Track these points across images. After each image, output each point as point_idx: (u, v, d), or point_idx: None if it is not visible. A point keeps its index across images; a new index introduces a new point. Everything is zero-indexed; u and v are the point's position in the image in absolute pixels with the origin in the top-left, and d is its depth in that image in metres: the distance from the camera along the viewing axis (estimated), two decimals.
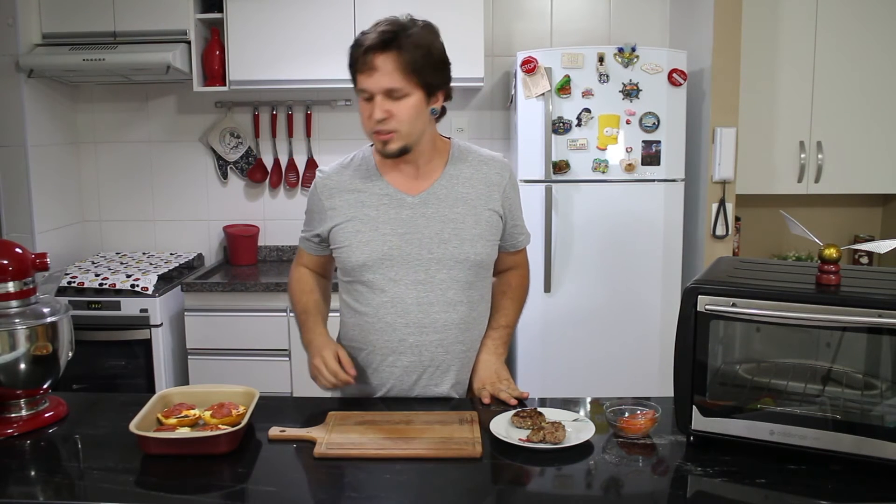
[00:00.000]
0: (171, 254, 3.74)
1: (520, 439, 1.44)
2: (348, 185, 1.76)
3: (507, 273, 1.89)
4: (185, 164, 3.80)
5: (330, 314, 1.88)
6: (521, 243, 1.88)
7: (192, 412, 1.52)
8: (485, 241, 1.74)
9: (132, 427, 1.40)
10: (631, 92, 3.13)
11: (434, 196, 1.72)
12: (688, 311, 1.42)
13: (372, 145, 1.77)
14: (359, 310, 1.76)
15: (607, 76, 3.13)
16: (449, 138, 1.82)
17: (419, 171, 1.74)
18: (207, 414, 1.52)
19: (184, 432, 1.43)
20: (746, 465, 1.35)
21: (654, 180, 3.18)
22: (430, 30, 1.65)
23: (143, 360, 3.22)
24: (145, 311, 3.19)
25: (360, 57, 1.59)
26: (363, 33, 1.62)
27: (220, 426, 1.46)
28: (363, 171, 1.77)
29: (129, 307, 3.20)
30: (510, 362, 3.44)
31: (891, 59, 3.33)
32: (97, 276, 3.25)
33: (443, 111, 1.73)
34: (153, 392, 3.16)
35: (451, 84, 1.70)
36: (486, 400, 1.68)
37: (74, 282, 3.23)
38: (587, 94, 3.14)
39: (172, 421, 1.49)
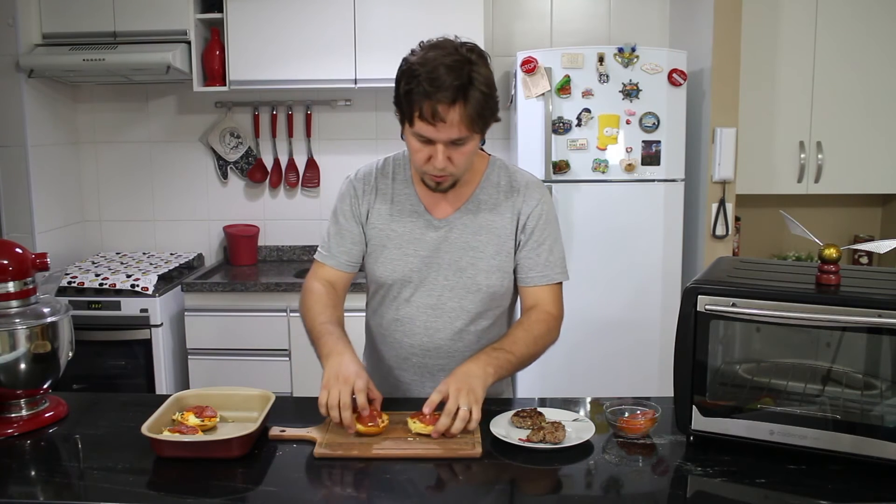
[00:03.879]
0: (171, 254, 3.74)
1: (520, 439, 1.44)
2: (381, 192, 1.72)
3: (531, 311, 1.72)
4: (185, 164, 3.80)
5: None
6: (533, 280, 1.70)
7: (215, 419, 1.51)
8: (502, 272, 1.70)
9: (144, 429, 1.40)
10: (631, 92, 3.13)
11: (460, 221, 1.69)
12: (688, 311, 1.42)
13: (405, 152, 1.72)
14: (379, 313, 1.77)
15: (607, 76, 3.13)
16: (489, 154, 1.75)
17: (452, 192, 1.69)
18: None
19: (196, 436, 1.43)
20: (746, 465, 1.35)
21: (654, 180, 3.18)
22: (485, 62, 1.54)
23: (143, 360, 3.22)
24: (145, 311, 3.19)
25: (427, 107, 1.48)
26: (428, 71, 1.46)
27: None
28: (398, 183, 1.72)
29: (129, 307, 3.20)
30: None
31: (890, 59, 3.33)
32: (97, 276, 3.25)
33: None
34: (153, 392, 3.19)
35: None
36: (427, 410, 1.47)
37: (74, 282, 3.23)
38: (587, 94, 3.14)
39: (195, 420, 1.48)
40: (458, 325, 1.71)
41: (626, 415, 1.50)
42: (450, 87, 1.46)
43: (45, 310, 1.59)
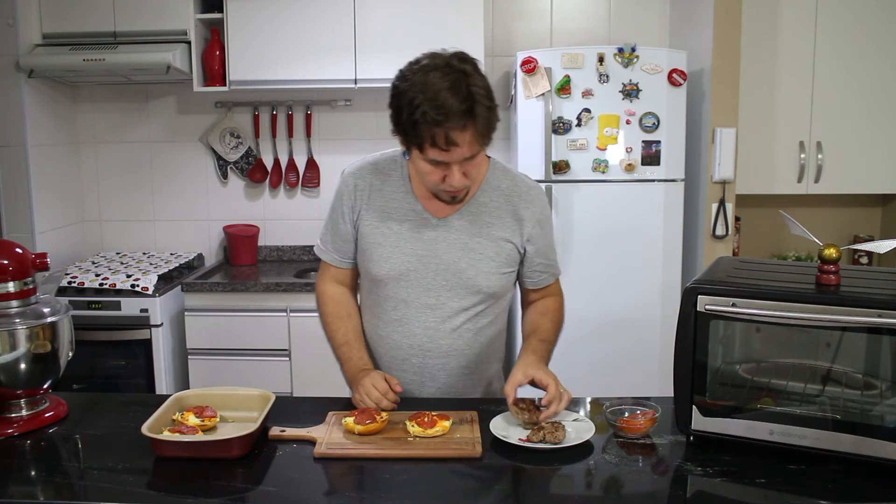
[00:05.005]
0: (171, 254, 3.74)
1: (520, 439, 1.44)
2: (378, 187, 1.71)
3: (544, 299, 1.81)
4: (185, 164, 3.80)
5: None
6: (543, 282, 1.79)
7: (215, 419, 1.52)
8: (500, 273, 1.70)
9: (144, 429, 1.40)
10: (631, 92, 3.13)
11: (459, 222, 1.69)
12: (688, 311, 1.42)
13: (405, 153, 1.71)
14: (375, 314, 1.77)
15: (607, 76, 3.13)
16: (489, 157, 1.73)
17: None
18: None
19: (196, 436, 1.43)
20: (746, 465, 1.35)
21: (654, 180, 3.18)
22: (477, 69, 1.52)
23: (143, 360, 3.22)
24: (145, 311, 3.19)
25: (440, 136, 1.47)
26: (430, 98, 1.44)
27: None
28: (395, 180, 1.71)
29: (129, 307, 3.19)
30: (511, 362, 3.43)
31: (890, 60, 3.33)
32: (97, 276, 3.25)
33: None
34: (153, 392, 3.19)
35: None
36: (510, 397, 1.53)
37: (74, 282, 3.23)
38: (587, 94, 3.14)
39: (195, 421, 1.49)
40: (457, 324, 1.71)
41: (626, 415, 1.50)
42: (458, 112, 1.45)
43: (45, 310, 1.59)
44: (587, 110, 3.14)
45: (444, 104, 1.44)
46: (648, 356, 3.24)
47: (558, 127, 3.15)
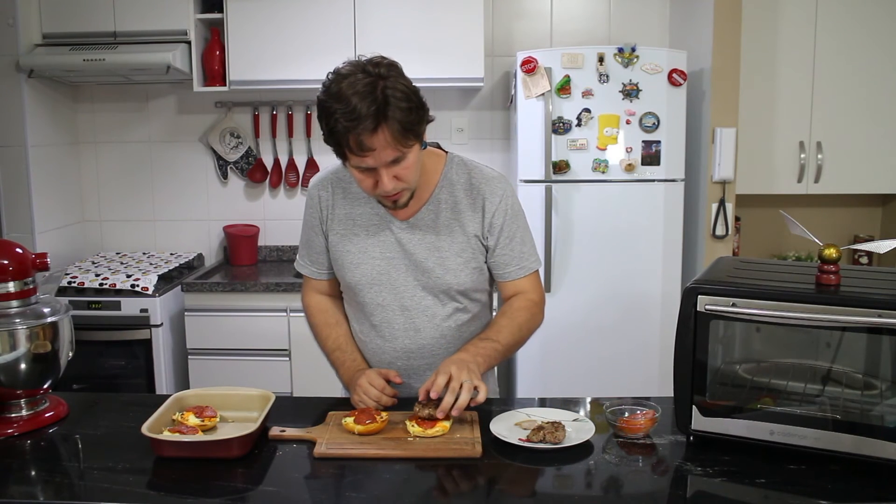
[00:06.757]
0: (171, 254, 3.74)
1: (520, 439, 1.44)
2: (341, 195, 1.73)
3: (514, 297, 1.75)
4: (185, 164, 3.80)
5: None
6: (511, 275, 1.72)
7: (215, 419, 1.52)
8: (470, 268, 1.69)
9: (144, 429, 1.40)
10: (631, 92, 3.13)
11: (422, 221, 1.68)
12: (688, 311, 1.42)
13: None
14: (356, 320, 1.79)
15: (607, 76, 3.13)
16: (446, 152, 1.74)
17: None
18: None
19: (196, 436, 1.43)
20: (746, 465, 1.35)
21: (653, 180, 3.18)
22: (397, 71, 1.50)
23: (143, 360, 3.22)
24: (145, 311, 3.19)
25: (352, 141, 1.45)
26: (342, 105, 1.43)
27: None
28: (357, 186, 1.70)
29: (129, 307, 3.19)
30: (511, 362, 3.43)
31: (890, 59, 3.33)
32: (97, 276, 3.25)
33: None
34: (153, 392, 3.19)
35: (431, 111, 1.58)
36: (434, 394, 1.49)
37: (74, 282, 3.23)
38: (587, 94, 3.14)
39: (195, 421, 1.49)
40: (437, 323, 1.71)
41: (626, 415, 1.50)
42: (367, 115, 1.42)
43: (46, 310, 1.59)
44: (587, 110, 3.14)
45: (353, 109, 1.43)
46: (648, 356, 3.24)
47: (558, 127, 3.15)
